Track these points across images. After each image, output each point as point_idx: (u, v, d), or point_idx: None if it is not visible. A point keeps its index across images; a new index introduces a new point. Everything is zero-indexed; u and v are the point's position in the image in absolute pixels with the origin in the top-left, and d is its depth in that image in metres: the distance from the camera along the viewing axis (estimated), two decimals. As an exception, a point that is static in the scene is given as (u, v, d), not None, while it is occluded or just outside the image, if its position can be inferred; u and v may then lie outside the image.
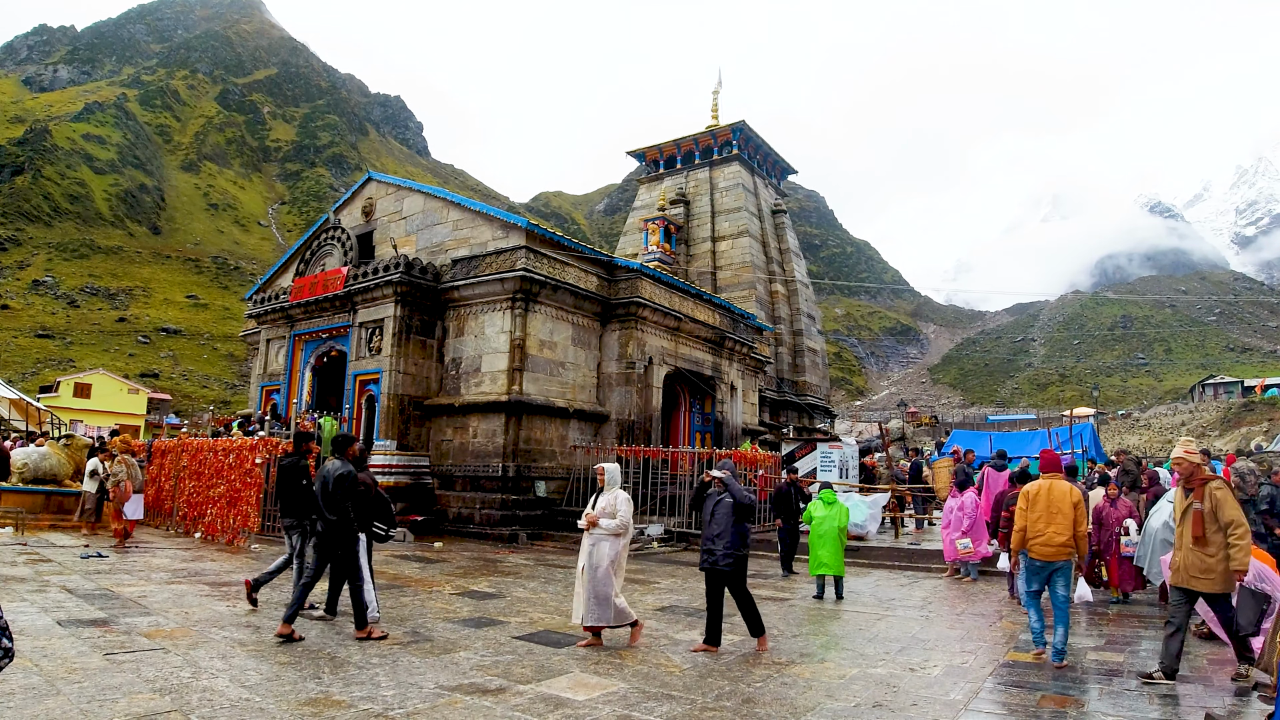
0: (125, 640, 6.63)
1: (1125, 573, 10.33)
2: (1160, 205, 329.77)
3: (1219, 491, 6.19)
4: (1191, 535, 6.25)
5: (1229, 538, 6.06)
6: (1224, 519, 6.11)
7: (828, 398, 39.62)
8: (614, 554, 7.27)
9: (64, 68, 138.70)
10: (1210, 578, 6.15)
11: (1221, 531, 6.11)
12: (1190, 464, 6.44)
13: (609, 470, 7.61)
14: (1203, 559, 6.18)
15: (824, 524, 10.66)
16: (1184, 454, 6.48)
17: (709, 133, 38.61)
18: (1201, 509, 6.22)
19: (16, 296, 77.56)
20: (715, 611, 7.35)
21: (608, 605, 7.14)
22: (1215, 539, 6.13)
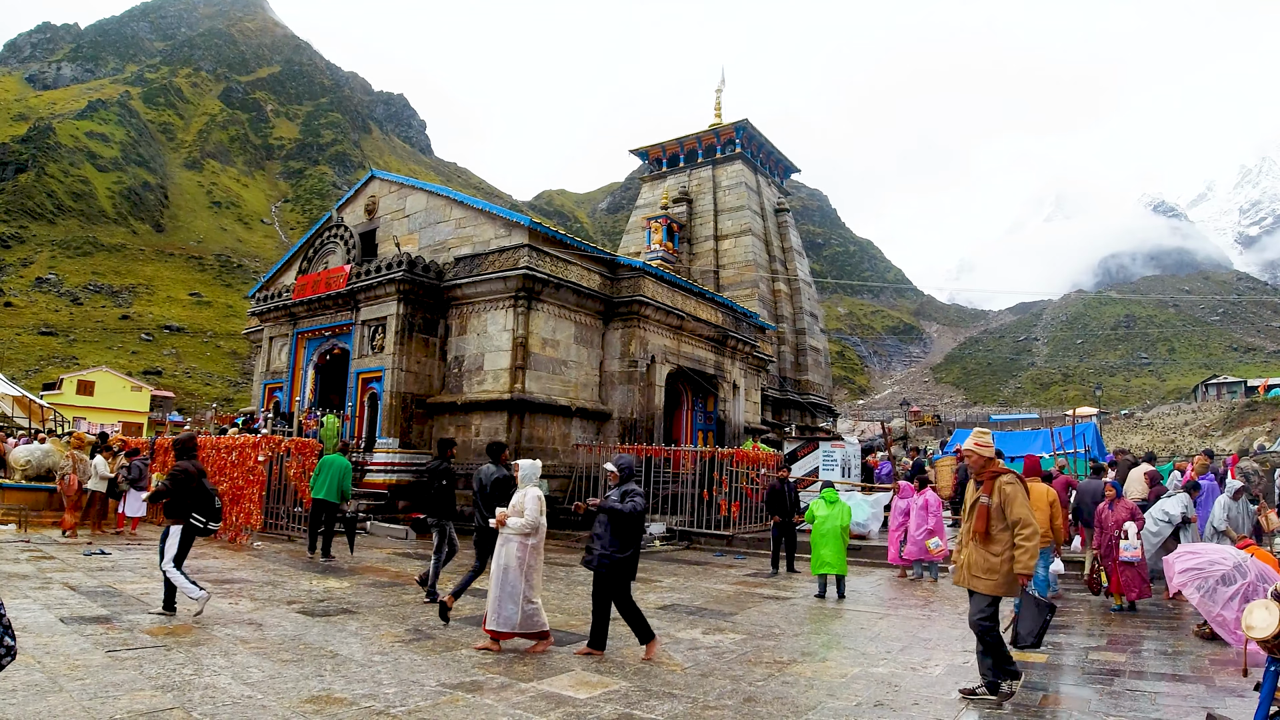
0: (128, 637, 6.64)
1: (1128, 579, 9.82)
2: (1163, 205, 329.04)
3: (1009, 487, 5.77)
4: (975, 531, 5.84)
5: (1015, 538, 5.64)
6: (1011, 517, 5.68)
7: (830, 397, 39.60)
8: (522, 555, 6.87)
9: (67, 65, 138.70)
10: (993, 579, 5.70)
11: (1009, 530, 5.69)
12: (980, 457, 6.02)
13: (523, 466, 7.26)
14: (986, 558, 5.75)
15: (826, 523, 10.65)
16: (973, 445, 6.09)
17: (712, 131, 38.57)
18: (988, 504, 5.79)
19: (20, 294, 77.66)
20: (598, 613, 6.95)
21: (515, 609, 6.77)
22: (1001, 537, 5.72)
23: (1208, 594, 6.49)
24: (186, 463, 7.99)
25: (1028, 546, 5.57)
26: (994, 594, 5.70)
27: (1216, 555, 6.82)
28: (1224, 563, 6.59)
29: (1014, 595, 5.76)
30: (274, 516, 14.86)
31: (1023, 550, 5.58)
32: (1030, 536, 5.58)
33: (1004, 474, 5.89)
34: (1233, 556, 6.68)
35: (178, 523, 7.68)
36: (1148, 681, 6.45)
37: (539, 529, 6.99)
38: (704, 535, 16.75)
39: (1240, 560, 6.57)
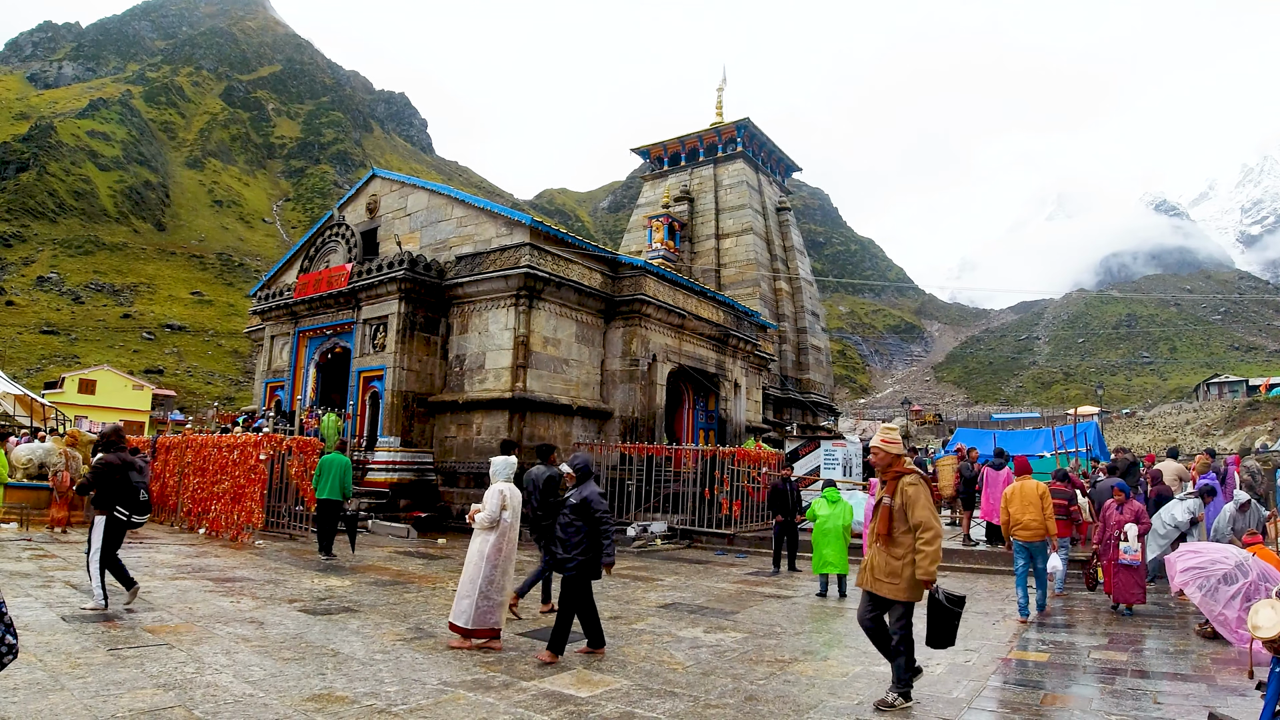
0: (129, 636, 6.65)
1: (1123, 583, 9.53)
2: (1165, 204, 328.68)
3: (911, 488, 5.54)
4: (878, 533, 5.68)
5: (917, 541, 5.45)
6: (913, 519, 5.48)
7: (832, 395, 39.59)
8: (482, 549, 6.92)
9: (68, 64, 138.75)
10: (896, 583, 5.51)
11: (911, 533, 5.50)
12: (888, 454, 5.76)
13: (494, 463, 7.28)
14: (889, 561, 5.56)
15: (828, 522, 10.63)
16: (881, 443, 5.82)
17: (713, 130, 38.56)
18: (891, 505, 5.60)
19: (21, 293, 77.70)
20: (584, 614, 6.91)
21: (469, 604, 6.80)
22: (904, 540, 5.53)
23: (1209, 593, 6.47)
24: (111, 455, 8.00)
25: (929, 551, 5.38)
26: (896, 598, 5.51)
27: (1218, 554, 6.80)
28: (1226, 562, 6.58)
29: (918, 599, 5.55)
30: (275, 515, 14.88)
31: (924, 555, 5.39)
32: (932, 540, 5.39)
33: (907, 474, 5.66)
34: (1234, 556, 6.67)
35: (102, 514, 7.75)
36: (1149, 681, 6.45)
37: (498, 524, 6.98)
38: (705, 534, 16.76)
39: (1242, 559, 6.56)
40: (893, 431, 5.89)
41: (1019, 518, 9.25)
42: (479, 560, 6.90)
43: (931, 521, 5.44)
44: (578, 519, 6.75)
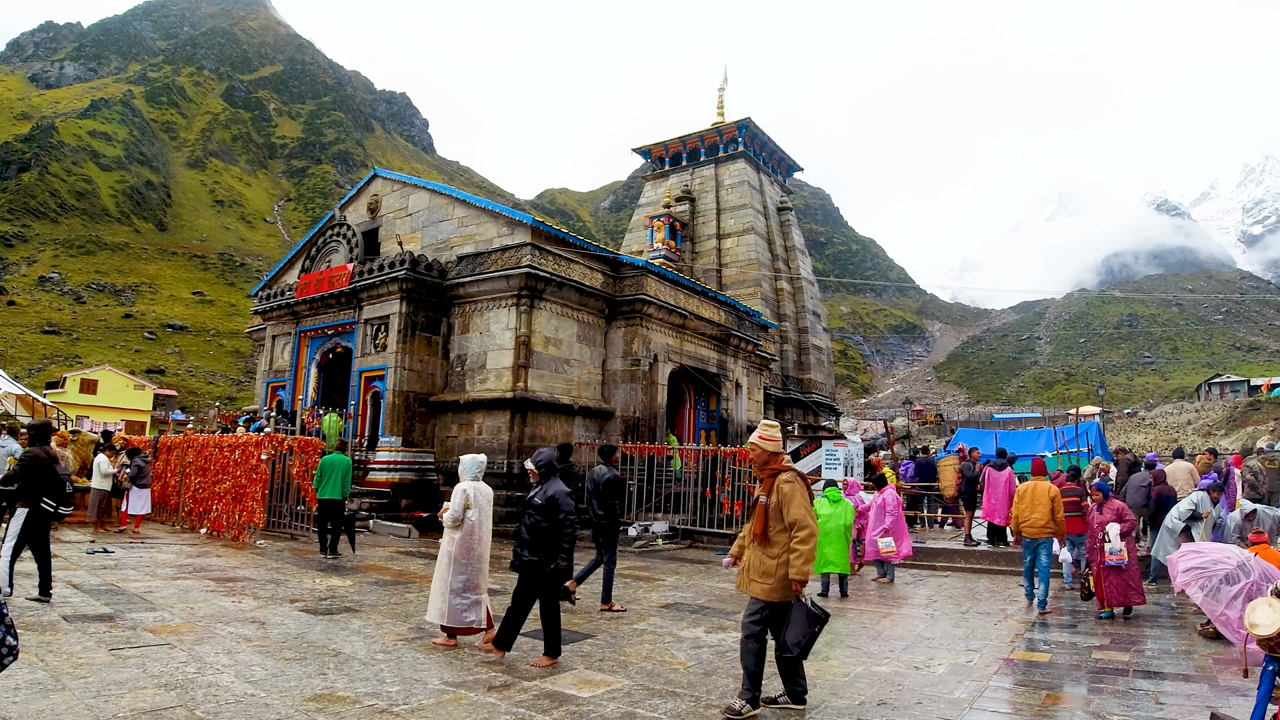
0: (131, 635, 6.65)
1: (1113, 585, 9.17)
2: (1167, 203, 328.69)
3: (787, 486, 5.37)
4: (753, 532, 5.49)
5: (792, 540, 5.27)
6: (789, 518, 5.30)
7: (833, 395, 39.57)
8: (449, 549, 6.89)
9: (70, 64, 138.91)
10: (768, 583, 5.30)
11: (787, 531, 5.32)
12: (764, 452, 5.59)
13: (463, 461, 7.18)
14: (763, 560, 5.37)
15: (829, 522, 10.59)
16: (758, 439, 5.64)
17: (714, 130, 38.54)
18: (766, 503, 5.41)
19: (23, 292, 77.78)
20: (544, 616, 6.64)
21: (442, 602, 6.81)
22: (779, 539, 5.33)
23: (1211, 593, 6.45)
24: (38, 449, 8.11)
25: (802, 550, 5.20)
26: (768, 599, 5.31)
27: (1220, 554, 6.79)
28: (1228, 562, 6.57)
29: (789, 599, 5.32)
30: (277, 515, 14.88)
31: (797, 554, 5.21)
32: (806, 540, 5.22)
33: (784, 472, 5.49)
34: (1236, 556, 6.66)
35: (26, 505, 7.84)
36: (1151, 681, 6.44)
37: (462, 523, 6.93)
38: (706, 534, 16.75)
39: (1244, 560, 6.55)
40: (771, 429, 5.70)
41: (1028, 515, 9.80)
42: (446, 561, 6.90)
43: (806, 520, 5.29)
44: (542, 519, 6.59)
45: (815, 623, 5.30)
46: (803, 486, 5.45)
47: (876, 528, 12.08)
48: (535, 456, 6.96)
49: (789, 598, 5.31)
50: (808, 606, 5.28)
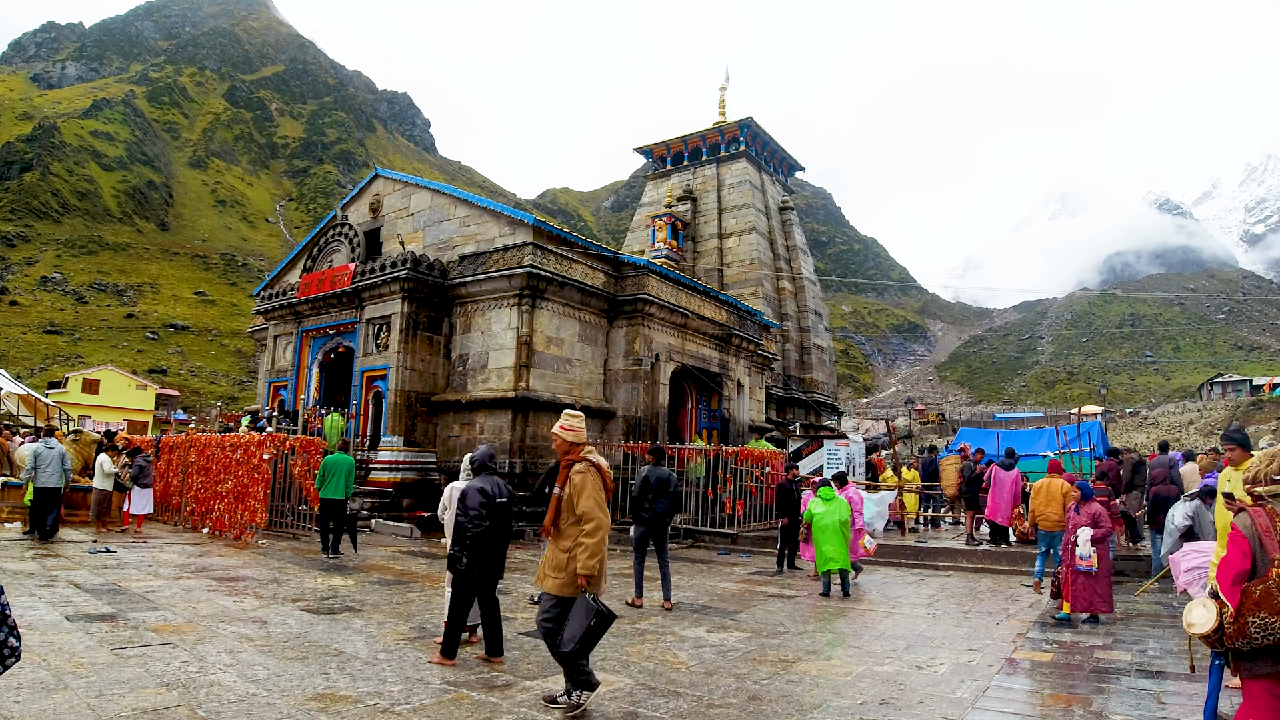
0: (133, 635, 6.65)
1: (1080, 590, 8.78)
2: (1169, 203, 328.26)
3: (579, 476, 5.23)
4: (545, 525, 5.38)
5: (580, 533, 5.12)
6: (578, 510, 5.16)
7: (835, 395, 39.55)
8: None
9: (72, 65, 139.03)
10: (559, 577, 5.16)
11: (578, 524, 5.17)
12: (564, 442, 5.42)
13: (464, 461, 7.07)
14: (555, 554, 5.24)
15: (825, 518, 10.61)
16: (560, 429, 5.47)
17: (716, 129, 38.53)
18: (560, 495, 5.27)
19: (25, 292, 77.87)
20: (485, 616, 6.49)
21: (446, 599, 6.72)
22: (570, 532, 5.19)
23: (1214, 593, 6.44)
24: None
25: (589, 544, 5.05)
26: (560, 594, 5.16)
27: (1222, 554, 6.78)
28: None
29: (575, 594, 5.14)
30: (279, 515, 14.89)
31: (584, 548, 5.05)
32: (594, 532, 5.07)
33: (578, 463, 5.32)
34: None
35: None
36: (1154, 680, 6.43)
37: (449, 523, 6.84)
38: (708, 533, 16.75)
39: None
40: (574, 418, 5.52)
41: (1042, 510, 10.83)
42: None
43: (595, 513, 5.12)
44: (458, 515, 6.46)
45: (593, 618, 5.01)
46: (595, 477, 5.27)
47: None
48: (471, 455, 6.78)
49: (576, 592, 5.12)
50: (588, 602, 5.04)
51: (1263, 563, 3.44)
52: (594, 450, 5.53)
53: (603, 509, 5.22)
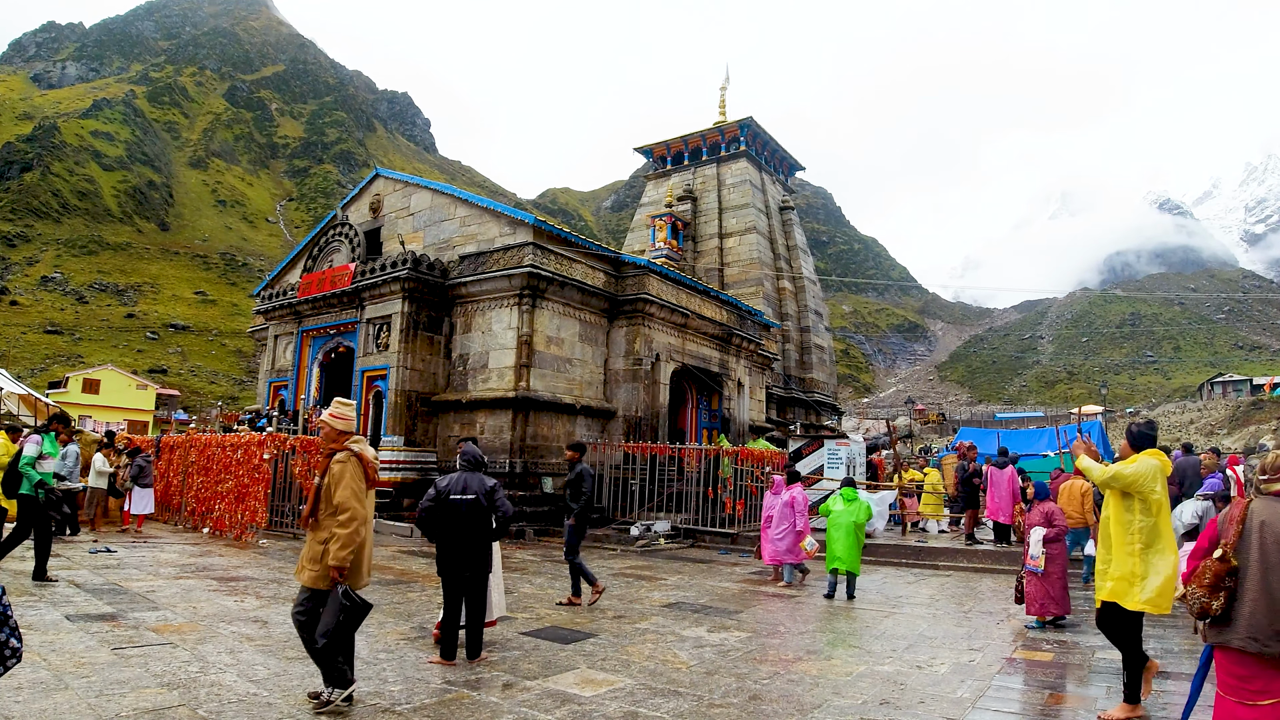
0: (133, 635, 6.65)
1: (1032, 591, 8.53)
2: (1169, 202, 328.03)
3: (338, 466, 5.09)
4: (303, 515, 5.23)
5: (334, 525, 4.97)
6: (335, 500, 5.01)
7: (835, 395, 39.55)
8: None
9: (72, 65, 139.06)
10: (315, 569, 4.98)
11: (335, 515, 5.01)
12: (332, 430, 5.27)
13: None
14: (312, 546, 5.06)
15: (842, 517, 10.56)
16: (329, 416, 5.30)
17: (716, 129, 38.53)
18: (319, 484, 5.12)
19: (26, 292, 77.87)
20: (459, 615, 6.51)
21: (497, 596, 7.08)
22: (327, 523, 5.03)
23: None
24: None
25: (342, 535, 4.88)
26: (314, 586, 4.98)
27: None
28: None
29: (329, 587, 4.97)
30: (279, 514, 14.89)
31: (337, 539, 4.89)
32: (348, 523, 4.92)
33: (339, 452, 5.18)
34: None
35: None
36: (1154, 680, 6.42)
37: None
38: (708, 533, 16.75)
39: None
40: (344, 407, 5.36)
41: (1064, 509, 10.89)
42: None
43: (351, 503, 4.98)
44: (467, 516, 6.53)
45: (344, 613, 4.88)
46: (356, 467, 5.13)
47: (780, 527, 11.62)
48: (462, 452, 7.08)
49: (329, 585, 4.97)
50: (341, 596, 4.88)
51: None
52: (362, 440, 5.37)
53: (360, 500, 5.05)
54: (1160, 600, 5.27)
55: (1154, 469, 5.38)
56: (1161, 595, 5.27)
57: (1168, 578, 5.25)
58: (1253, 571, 3.81)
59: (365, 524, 5.05)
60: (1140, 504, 5.39)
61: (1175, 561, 5.33)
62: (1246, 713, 3.79)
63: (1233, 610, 3.87)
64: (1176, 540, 9.96)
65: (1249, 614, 3.78)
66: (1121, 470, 5.41)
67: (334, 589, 4.91)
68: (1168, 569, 5.27)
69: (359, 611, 4.95)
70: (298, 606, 5.05)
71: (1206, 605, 3.96)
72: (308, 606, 5.01)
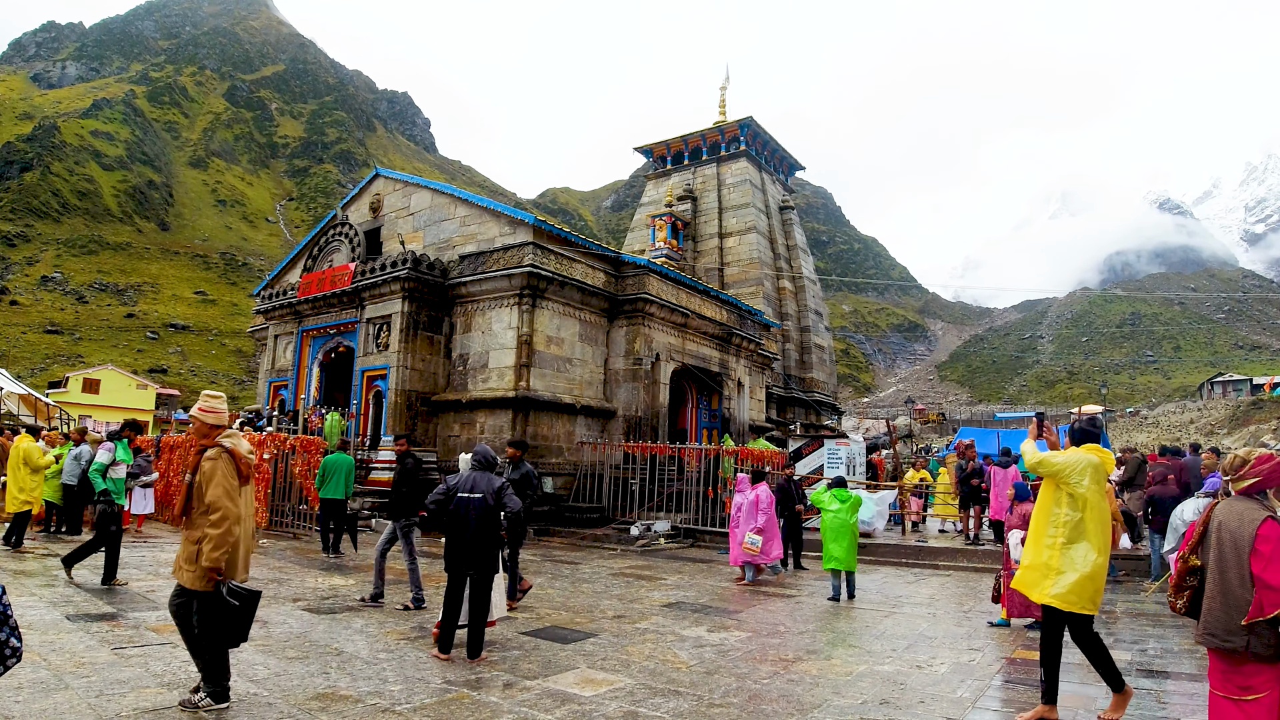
0: (133, 635, 6.65)
1: (1015, 595, 7.93)
2: (1169, 202, 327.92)
3: (209, 463, 4.90)
4: (176, 514, 5.08)
5: (207, 524, 4.78)
6: (206, 499, 4.82)
7: (835, 394, 39.56)
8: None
9: (72, 64, 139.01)
10: (192, 570, 4.80)
11: (207, 514, 4.81)
12: (203, 424, 5.09)
13: (461, 459, 7.16)
14: (186, 545, 4.89)
15: (837, 518, 10.51)
16: (198, 410, 5.12)
17: (716, 129, 38.54)
18: (191, 481, 4.94)
19: (26, 292, 77.85)
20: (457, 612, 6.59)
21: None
22: (200, 522, 4.84)
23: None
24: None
25: (214, 535, 4.71)
26: (192, 586, 4.80)
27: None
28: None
29: (208, 588, 4.80)
30: (279, 514, 14.89)
31: (210, 539, 4.72)
32: (219, 524, 4.74)
33: (211, 448, 4.99)
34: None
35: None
36: (1154, 680, 6.43)
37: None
38: (709, 533, 16.73)
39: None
40: (214, 400, 5.19)
41: None
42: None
43: (223, 502, 4.79)
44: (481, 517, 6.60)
45: (232, 611, 4.77)
46: (227, 464, 4.93)
47: (746, 526, 11.54)
48: (474, 452, 6.95)
49: (207, 586, 4.80)
50: (226, 595, 4.76)
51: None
52: (235, 435, 5.22)
53: (233, 498, 4.88)
54: (1071, 598, 5.11)
55: (1085, 463, 5.20)
56: (1073, 593, 5.11)
57: (1084, 576, 5.09)
58: (1211, 570, 3.96)
59: (239, 522, 4.89)
60: (1068, 498, 5.24)
61: (1100, 564, 5.15)
62: (1235, 709, 3.86)
63: (1199, 608, 4.05)
64: (1178, 540, 10.01)
65: (1206, 610, 3.94)
66: (1050, 458, 5.30)
67: (216, 589, 4.77)
68: (1087, 568, 5.10)
69: (249, 602, 4.83)
70: (174, 597, 4.92)
71: (1172, 604, 4.20)
72: (182, 604, 4.89)
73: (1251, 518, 3.84)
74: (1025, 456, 5.52)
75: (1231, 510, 3.97)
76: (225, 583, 4.78)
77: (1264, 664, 3.77)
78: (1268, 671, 3.77)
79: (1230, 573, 3.84)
